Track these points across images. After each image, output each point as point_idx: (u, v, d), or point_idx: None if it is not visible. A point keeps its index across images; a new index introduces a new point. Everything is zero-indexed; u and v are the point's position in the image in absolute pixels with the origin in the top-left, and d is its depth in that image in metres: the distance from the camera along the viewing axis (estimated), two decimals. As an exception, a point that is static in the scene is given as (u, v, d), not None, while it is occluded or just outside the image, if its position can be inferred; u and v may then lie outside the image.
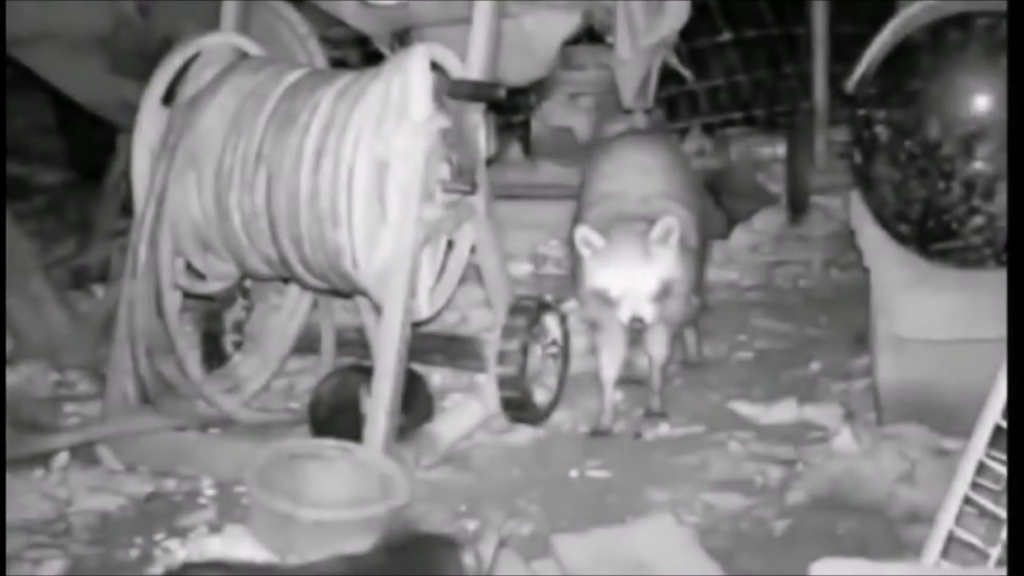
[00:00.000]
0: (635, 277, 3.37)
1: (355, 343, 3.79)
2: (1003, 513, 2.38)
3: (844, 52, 4.51)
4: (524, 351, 3.50)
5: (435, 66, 3.38)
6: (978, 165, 3.20)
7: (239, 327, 3.84)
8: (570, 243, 3.57)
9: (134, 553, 3.02)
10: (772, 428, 3.52)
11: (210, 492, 3.29)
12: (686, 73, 5.13)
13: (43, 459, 3.41)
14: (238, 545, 2.98)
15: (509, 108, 4.97)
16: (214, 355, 3.82)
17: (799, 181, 4.98)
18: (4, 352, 3.90)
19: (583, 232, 3.41)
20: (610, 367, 3.58)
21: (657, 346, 3.61)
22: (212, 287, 3.64)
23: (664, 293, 3.39)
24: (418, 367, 3.55)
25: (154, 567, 2.94)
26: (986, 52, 3.23)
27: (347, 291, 3.55)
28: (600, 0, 4.53)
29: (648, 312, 3.36)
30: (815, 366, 3.89)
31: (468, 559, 2.55)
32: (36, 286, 3.97)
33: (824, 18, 5.14)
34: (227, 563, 2.80)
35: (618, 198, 3.58)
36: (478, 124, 3.47)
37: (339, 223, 3.30)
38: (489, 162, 3.63)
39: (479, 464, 3.40)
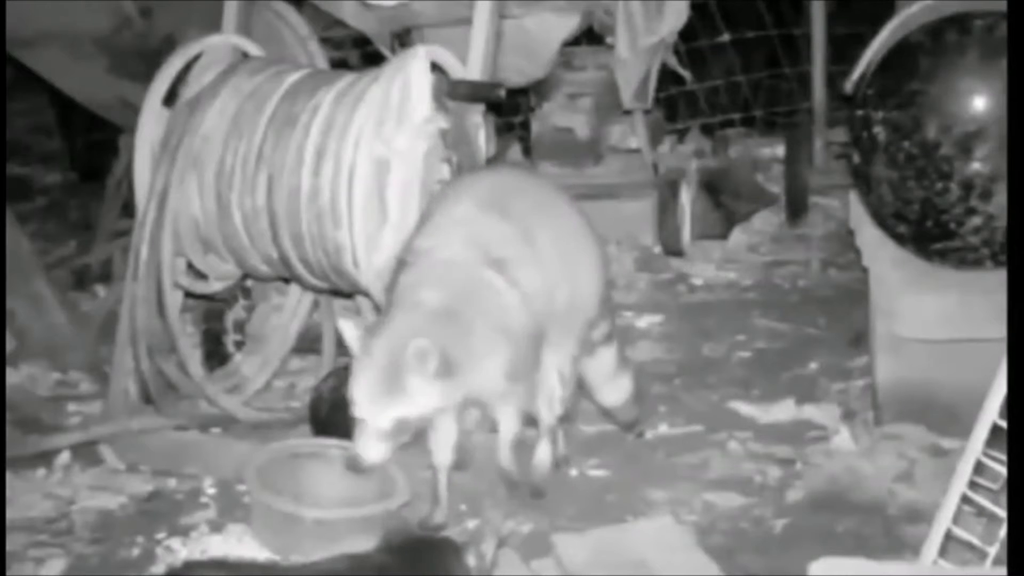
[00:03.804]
0: (370, 410, 2.80)
1: (356, 343, 3.79)
2: (1001, 512, 2.39)
3: (843, 53, 4.53)
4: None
5: (435, 67, 3.39)
6: (976, 165, 3.21)
7: (240, 327, 3.85)
8: None
9: (136, 552, 3.03)
10: (771, 427, 3.53)
11: (211, 491, 3.29)
12: (685, 74, 5.15)
13: (45, 458, 3.42)
14: (239, 544, 2.99)
15: (509, 108, 4.99)
16: (215, 355, 3.83)
17: (798, 181, 4.99)
18: (4, 352, 3.91)
19: (344, 327, 2.91)
20: (442, 450, 3.02)
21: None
22: (213, 287, 3.65)
23: (404, 430, 2.84)
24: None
25: (156, 566, 2.95)
26: (984, 53, 3.24)
27: (348, 291, 3.56)
28: (600, 0, 4.55)
29: (373, 453, 2.81)
30: (814, 366, 3.90)
31: (470, 559, 2.56)
32: (38, 286, 3.98)
33: (823, 19, 5.16)
34: (228, 562, 2.81)
35: (425, 258, 2.96)
36: (478, 124, 3.48)
37: (340, 223, 3.31)
38: (489, 163, 3.63)
39: (479, 464, 3.40)
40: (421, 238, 3.02)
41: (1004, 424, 2.34)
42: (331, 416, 3.43)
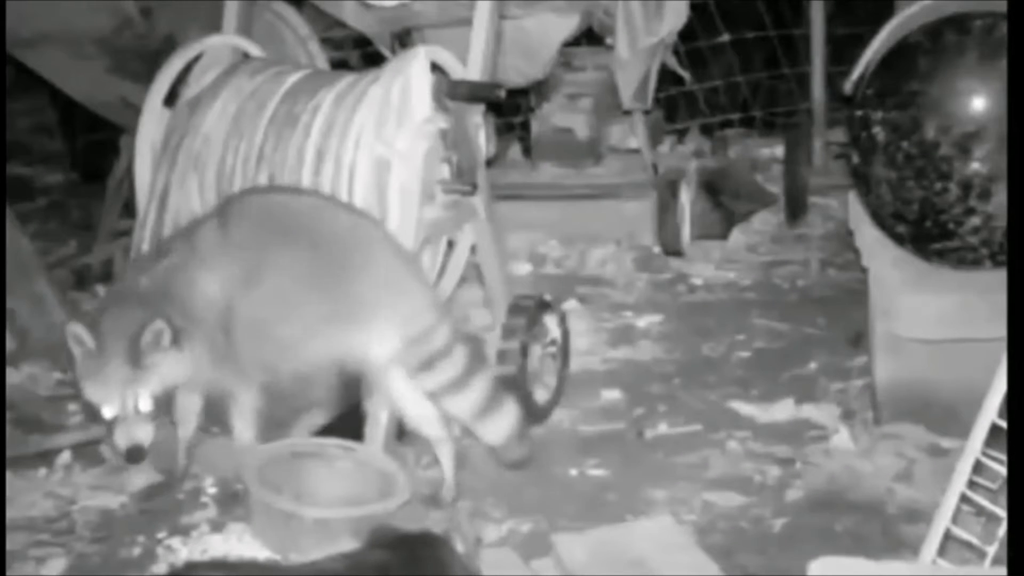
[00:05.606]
0: (125, 396, 2.94)
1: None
2: (1000, 511, 2.40)
3: (842, 53, 4.54)
4: (524, 350, 3.51)
5: (435, 67, 3.40)
6: (975, 165, 3.22)
7: (240, 327, 3.85)
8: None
9: (137, 551, 3.03)
10: (770, 427, 3.54)
11: (212, 491, 3.29)
12: (685, 74, 5.16)
13: (46, 458, 3.42)
14: (240, 543, 3.00)
15: (509, 108, 5.00)
16: (216, 354, 3.82)
17: (797, 182, 5.00)
18: (4, 351, 3.91)
19: (72, 329, 2.94)
20: (186, 422, 3.24)
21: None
22: (214, 287, 3.65)
23: (160, 407, 3.03)
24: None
25: (157, 565, 2.96)
26: (984, 53, 3.25)
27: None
28: (600, 1, 4.55)
29: (146, 435, 2.98)
30: (813, 365, 3.90)
31: (459, 545, 2.56)
32: (39, 286, 3.98)
33: (822, 19, 5.17)
34: (229, 562, 2.81)
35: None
36: (478, 124, 3.48)
37: (340, 223, 3.31)
38: (489, 163, 3.64)
39: (479, 464, 3.41)
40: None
41: (1003, 424, 2.35)
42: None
